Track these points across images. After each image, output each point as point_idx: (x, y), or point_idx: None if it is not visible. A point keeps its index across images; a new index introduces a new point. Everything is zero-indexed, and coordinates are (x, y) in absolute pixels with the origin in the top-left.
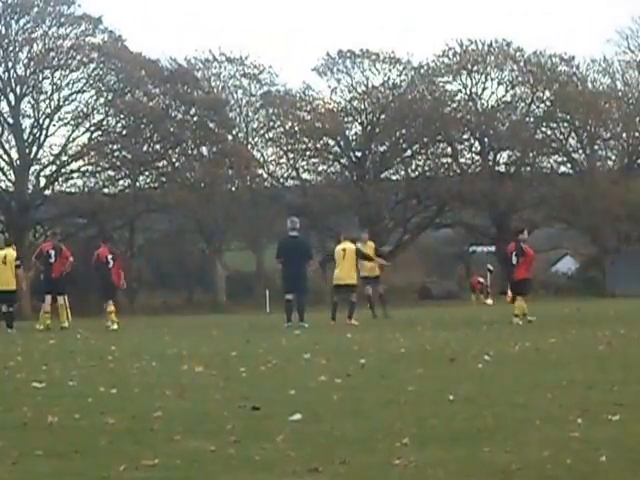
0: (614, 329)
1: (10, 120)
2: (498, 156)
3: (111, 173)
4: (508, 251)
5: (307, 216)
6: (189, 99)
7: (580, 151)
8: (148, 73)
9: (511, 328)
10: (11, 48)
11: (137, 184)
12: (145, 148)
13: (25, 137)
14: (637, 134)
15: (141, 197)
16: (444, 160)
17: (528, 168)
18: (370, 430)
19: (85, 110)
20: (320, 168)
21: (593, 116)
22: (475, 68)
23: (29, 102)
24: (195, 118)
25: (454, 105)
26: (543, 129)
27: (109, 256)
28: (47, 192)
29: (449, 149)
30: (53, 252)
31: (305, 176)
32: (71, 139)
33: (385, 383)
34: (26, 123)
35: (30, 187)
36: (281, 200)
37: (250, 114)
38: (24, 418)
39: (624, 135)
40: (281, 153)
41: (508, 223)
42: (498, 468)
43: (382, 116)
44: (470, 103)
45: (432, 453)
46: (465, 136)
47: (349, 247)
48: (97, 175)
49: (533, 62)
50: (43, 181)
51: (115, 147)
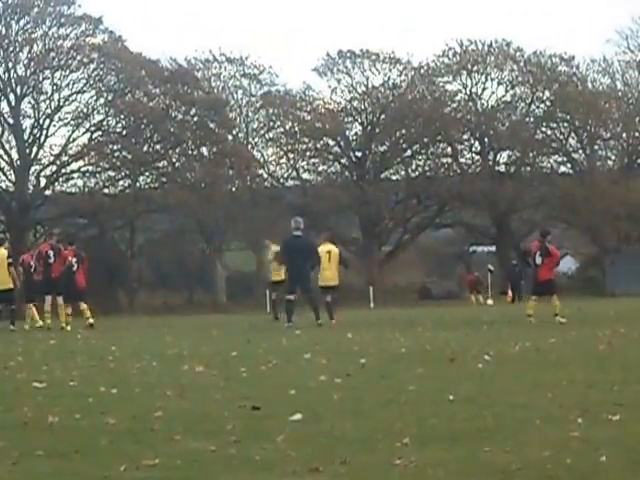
0: (614, 329)
1: (10, 120)
2: (498, 156)
3: (111, 173)
4: (531, 250)
5: (307, 216)
6: (189, 99)
7: (580, 151)
8: (148, 73)
9: (511, 328)
10: (11, 48)
11: (137, 184)
12: (145, 148)
13: (25, 137)
14: (637, 134)
15: (141, 197)
16: (444, 160)
17: (528, 168)
18: (370, 430)
19: (85, 110)
20: (320, 168)
21: (593, 116)
22: (475, 68)
23: (29, 102)
24: (195, 118)
25: (454, 105)
26: (543, 129)
27: (73, 259)
28: (47, 192)
29: (449, 149)
30: (52, 253)
31: (305, 176)
32: (71, 139)
33: (385, 383)
34: (26, 123)
35: (30, 187)
36: (281, 200)
37: (250, 114)
38: (24, 418)
39: (624, 135)
40: (281, 153)
41: (508, 223)
42: (498, 468)
43: (382, 116)
44: (470, 103)
45: (432, 453)
46: (465, 136)
47: (334, 249)
48: (97, 175)
49: (533, 62)
50: (43, 181)
51: (115, 147)
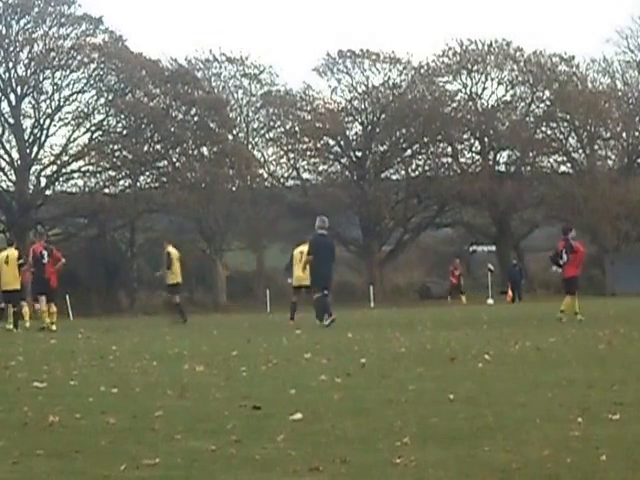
0: (614, 328)
1: (11, 120)
2: (498, 156)
3: (112, 173)
4: (558, 250)
5: (307, 216)
6: (190, 99)
7: (580, 151)
8: (149, 73)
9: (511, 327)
10: (12, 48)
11: (138, 184)
12: (146, 148)
13: (26, 137)
14: (637, 134)
15: (142, 197)
16: (444, 160)
17: (528, 168)
18: (371, 429)
19: (86, 110)
20: (320, 168)
21: (593, 116)
22: (475, 68)
23: (30, 102)
24: (196, 118)
25: (454, 105)
26: (543, 129)
27: (44, 252)
28: (48, 192)
29: (449, 149)
30: (45, 253)
31: (305, 176)
32: (72, 139)
33: (385, 382)
34: (27, 123)
35: (31, 187)
36: (282, 200)
37: (250, 114)
38: (25, 418)
39: (624, 135)
40: (281, 153)
41: (508, 223)
42: (498, 467)
43: (382, 116)
44: (470, 103)
45: (432, 452)
46: (465, 136)
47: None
48: (98, 175)
49: (533, 62)
50: (44, 181)
51: (116, 147)
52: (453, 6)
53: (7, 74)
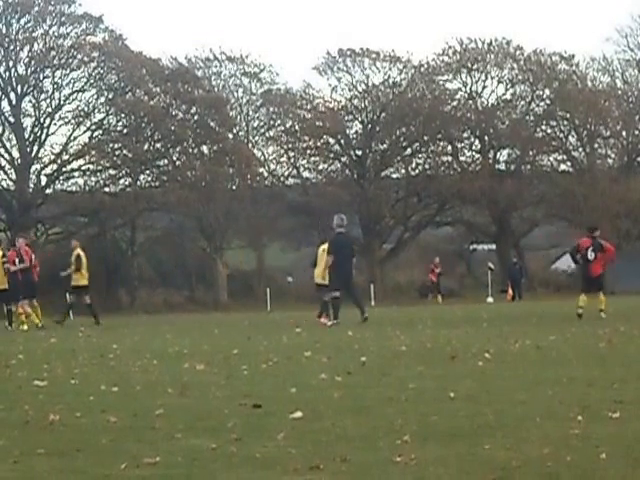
0: (614, 326)
1: (11, 119)
2: (498, 154)
3: (112, 172)
4: (581, 247)
5: (308, 214)
6: (190, 98)
7: (580, 149)
8: (149, 72)
9: (511, 326)
10: (12, 47)
11: (138, 183)
12: (146, 147)
13: (26, 136)
14: (637, 132)
15: (142, 196)
16: (444, 158)
17: (528, 166)
18: (371, 427)
19: (86, 109)
20: (321, 166)
21: (593, 114)
22: (475, 66)
23: (30, 101)
24: (196, 117)
25: (454, 103)
26: (543, 127)
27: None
28: (48, 191)
29: (449, 147)
30: (33, 255)
31: (306, 174)
32: (72, 138)
33: (386, 381)
34: (27, 122)
35: (31, 186)
36: (282, 199)
37: (251, 113)
38: (26, 417)
39: (624, 133)
40: (282, 152)
41: (508, 221)
42: (498, 465)
43: (382, 114)
44: (470, 101)
45: (433, 450)
46: (465, 134)
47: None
48: (98, 174)
49: (533, 60)
50: (44, 180)
51: (116, 146)
52: (453, 5)
53: (7, 73)
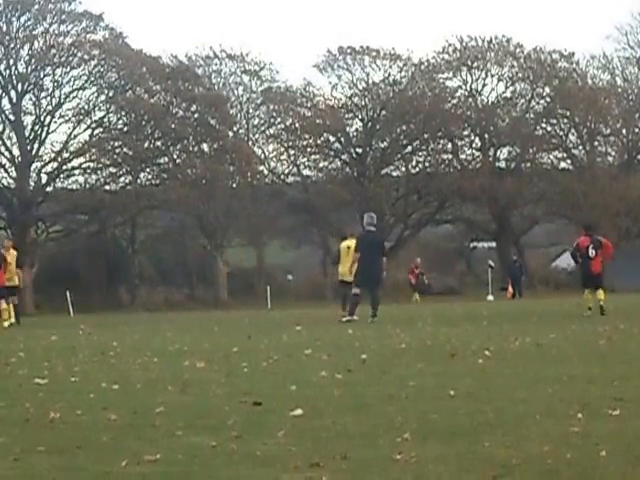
0: (614, 324)
1: (11, 117)
2: (498, 152)
3: (112, 170)
4: (581, 245)
5: (308, 212)
6: (190, 96)
7: (580, 147)
8: (149, 70)
9: (511, 323)
10: (12, 45)
11: (138, 181)
12: (146, 145)
13: (26, 134)
14: (637, 130)
15: (142, 194)
16: (444, 156)
17: (528, 164)
18: (371, 425)
19: (86, 107)
20: (321, 164)
21: (593, 112)
22: (475, 64)
23: (30, 99)
24: (196, 115)
25: (454, 101)
26: (543, 125)
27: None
28: (48, 189)
29: (449, 145)
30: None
31: (306, 172)
32: (72, 136)
33: (386, 378)
34: (27, 120)
35: (32, 184)
36: (282, 196)
37: (251, 111)
38: (26, 414)
39: (624, 131)
40: (282, 149)
41: (508, 219)
42: (499, 463)
43: (383, 112)
44: (470, 99)
45: (433, 448)
46: (465, 132)
47: (354, 244)
48: (98, 172)
49: (533, 58)
50: (44, 178)
51: (116, 144)
52: (453, 3)
53: (8, 71)
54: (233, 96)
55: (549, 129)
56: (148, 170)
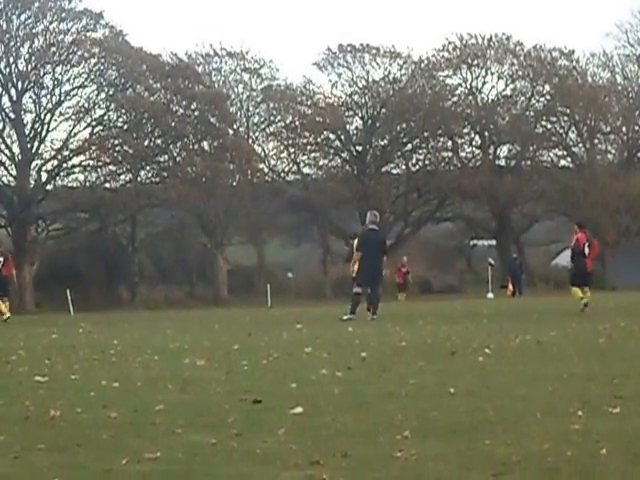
0: (614, 322)
1: (12, 115)
2: (498, 150)
3: (112, 168)
4: (580, 242)
5: (308, 210)
6: (190, 94)
7: (580, 145)
8: (149, 68)
9: (511, 321)
10: (12, 43)
11: (138, 179)
12: (146, 143)
13: (27, 132)
14: (637, 128)
15: (142, 192)
16: (444, 154)
17: (528, 162)
18: (371, 423)
19: (86, 105)
20: (321, 162)
21: (593, 110)
22: (475, 62)
23: (30, 97)
24: (196, 113)
25: (454, 99)
26: (543, 123)
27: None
28: (49, 187)
29: (449, 143)
30: (2, 258)
31: (306, 170)
32: (72, 134)
33: (386, 376)
34: (27, 118)
35: (32, 182)
36: (282, 194)
37: (251, 108)
38: (26, 412)
39: (624, 129)
40: (282, 147)
41: (508, 217)
42: (499, 460)
43: (383, 110)
44: (470, 97)
45: (433, 446)
46: (465, 130)
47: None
48: (98, 170)
49: (533, 56)
50: (45, 176)
51: (116, 142)
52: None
53: (8, 69)
54: (233, 94)
55: (549, 127)
56: (148, 168)
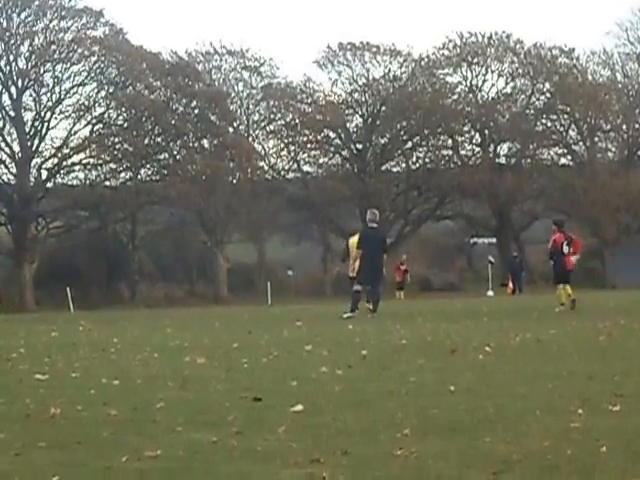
0: (614, 320)
1: (12, 113)
2: (498, 148)
3: (112, 166)
4: (557, 242)
5: (308, 208)
6: (190, 92)
7: (580, 143)
8: (149, 66)
9: (511, 319)
10: (12, 41)
11: (138, 177)
12: (146, 141)
13: (27, 130)
14: (637, 126)
15: (142, 190)
16: (445, 152)
17: (528, 160)
18: (371, 421)
19: (86, 103)
20: (321, 160)
21: (593, 108)
22: (475, 60)
23: (31, 95)
24: (196, 111)
25: (454, 97)
26: (543, 121)
27: None
28: (49, 185)
29: (449, 141)
30: None
31: (306, 168)
32: (72, 132)
33: (386, 374)
34: (28, 116)
35: (32, 180)
36: (282, 192)
37: (251, 107)
38: (27, 410)
39: (624, 127)
40: (282, 145)
41: (508, 215)
42: (499, 458)
43: (383, 108)
44: (470, 95)
45: (433, 444)
46: (465, 128)
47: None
48: (99, 168)
49: (533, 54)
50: (45, 174)
51: (116, 140)
52: None
53: (8, 67)
54: (233, 92)
55: (549, 125)
56: (148, 166)
